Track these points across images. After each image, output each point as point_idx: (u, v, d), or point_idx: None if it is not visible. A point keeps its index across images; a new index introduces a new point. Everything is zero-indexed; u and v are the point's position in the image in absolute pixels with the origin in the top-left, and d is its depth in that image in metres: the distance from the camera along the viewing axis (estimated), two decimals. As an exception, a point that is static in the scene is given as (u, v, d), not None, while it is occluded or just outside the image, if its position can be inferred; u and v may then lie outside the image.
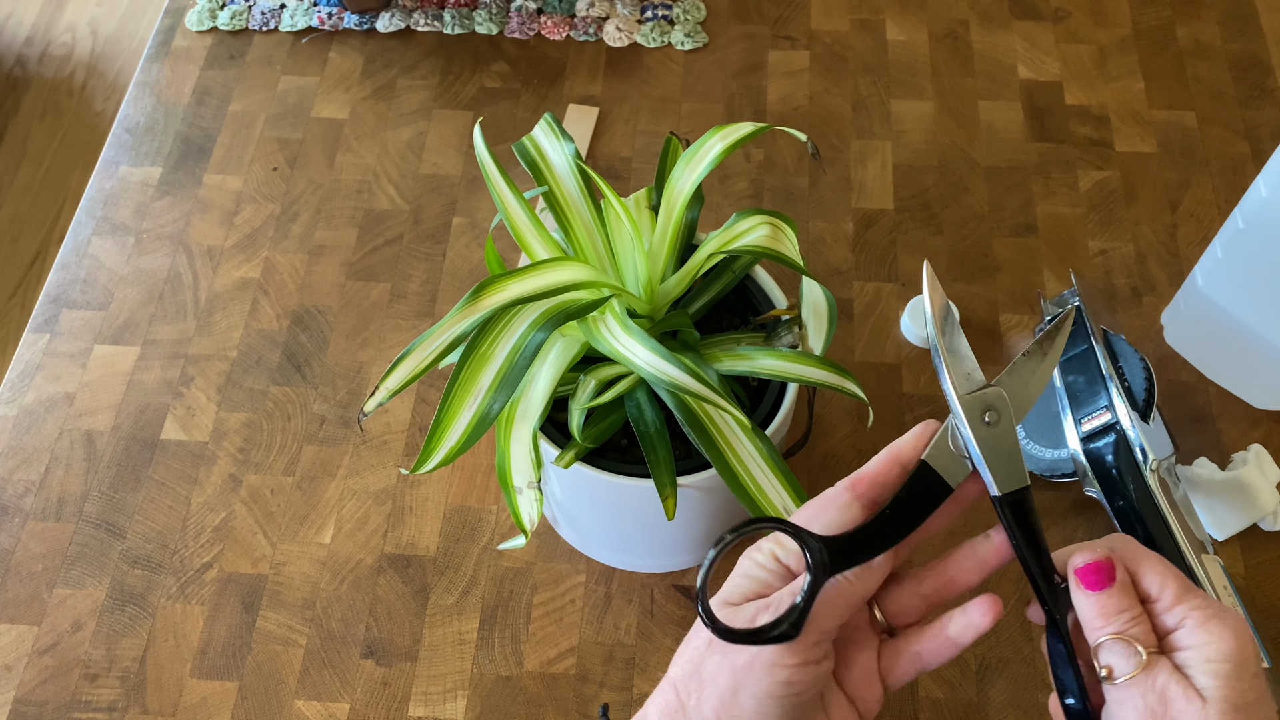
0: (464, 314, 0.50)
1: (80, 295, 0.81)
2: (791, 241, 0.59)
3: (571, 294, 0.52)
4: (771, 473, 0.55)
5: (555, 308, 0.51)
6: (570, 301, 0.52)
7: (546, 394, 0.54)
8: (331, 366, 0.78)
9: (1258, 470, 0.69)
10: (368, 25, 0.95)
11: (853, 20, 0.95)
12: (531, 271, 0.52)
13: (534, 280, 0.52)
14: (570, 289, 0.52)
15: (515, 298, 0.50)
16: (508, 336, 0.50)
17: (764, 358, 0.56)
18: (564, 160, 0.59)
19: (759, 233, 0.58)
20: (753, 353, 0.57)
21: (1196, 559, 0.62)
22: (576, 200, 0.59)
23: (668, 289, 0.58)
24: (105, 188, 0.87)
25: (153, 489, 0.73)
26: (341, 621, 0.68)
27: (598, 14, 0.95)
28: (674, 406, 0.55)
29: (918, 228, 0.83)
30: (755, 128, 0.58)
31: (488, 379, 0.50)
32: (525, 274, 0.52)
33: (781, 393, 0.59)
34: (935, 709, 0.65)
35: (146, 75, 0.93)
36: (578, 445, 0.56)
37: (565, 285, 0.52)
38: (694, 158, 0.58)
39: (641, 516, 0.60)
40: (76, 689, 0.66)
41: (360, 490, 0.73)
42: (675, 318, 0.59)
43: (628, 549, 0.68)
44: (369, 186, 0.86)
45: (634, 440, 0.60)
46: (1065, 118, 0.88)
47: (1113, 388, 0.66)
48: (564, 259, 0.54)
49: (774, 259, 0.57)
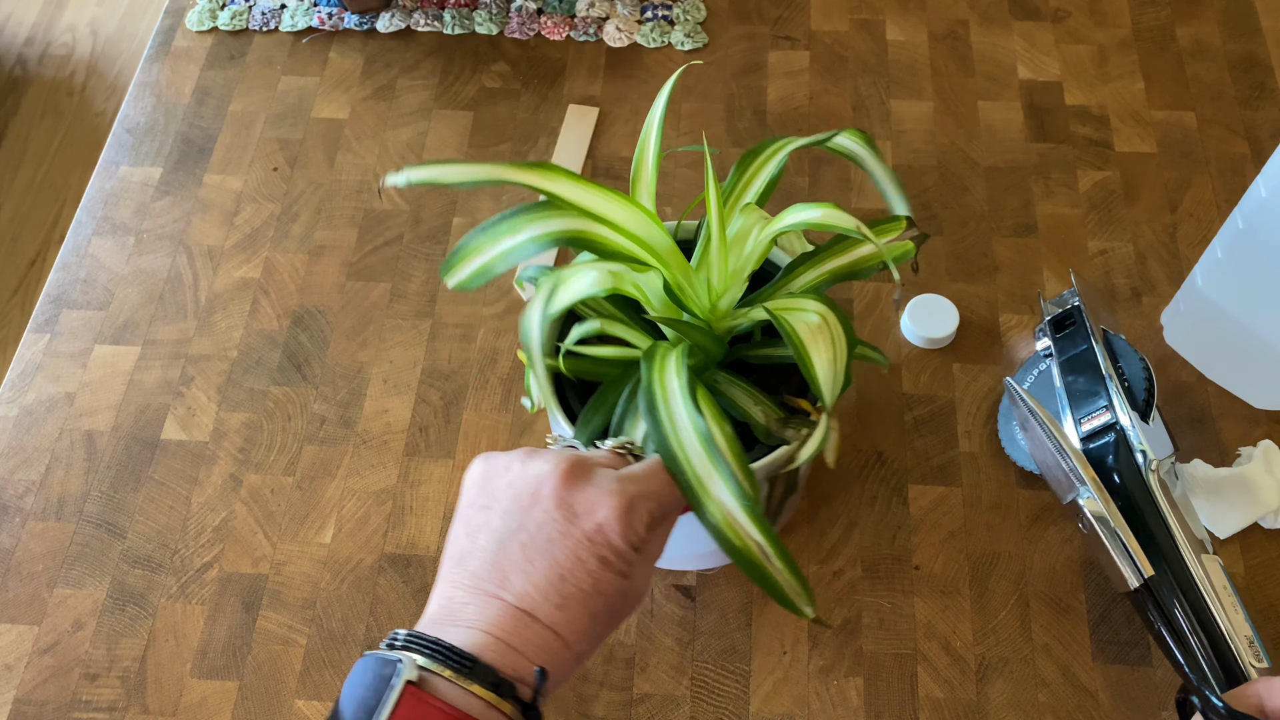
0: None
1: (80, 295, 0.82)
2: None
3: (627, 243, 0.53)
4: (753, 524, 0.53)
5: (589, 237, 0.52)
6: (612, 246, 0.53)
7: (569, 298, 0.53)
8: (332, 366, 0.78)
9: (1264, 467, 0.69)
10: (368, 25, 0.95)
11: (853, 20, 0.95)
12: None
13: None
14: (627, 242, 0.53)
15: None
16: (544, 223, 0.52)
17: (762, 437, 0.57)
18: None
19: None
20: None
21: (1196, 559, 0.62)
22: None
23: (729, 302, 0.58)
24: (105, 188, 0.87)
25: (153, 489, 0.73)
26: (342, 621, 0.68)
27: (598, 14, 0.95)
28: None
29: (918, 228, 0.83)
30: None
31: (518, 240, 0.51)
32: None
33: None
34: (935, 709, 0.65)
35: (147, 75, 0.93)
36: (554, 363, 0.57)
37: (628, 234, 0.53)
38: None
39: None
40: (77, 689, 0.67)
41: (360, 490, 0.73)
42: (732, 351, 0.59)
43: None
44: (369, 186, 0.86)
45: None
46: (1065, 118, 0.88)
47: (1112, 388, 0.66)
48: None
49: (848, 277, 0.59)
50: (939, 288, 0.80)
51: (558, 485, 0.46)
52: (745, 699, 0.65)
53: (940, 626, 0.67)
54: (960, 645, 0.67)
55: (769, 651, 0.67)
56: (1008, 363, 0.76)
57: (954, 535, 0.70)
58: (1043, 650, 0.66)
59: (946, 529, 0.70)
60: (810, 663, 0.66)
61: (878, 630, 0.67)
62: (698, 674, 0.66)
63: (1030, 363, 0.74)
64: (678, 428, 0.50)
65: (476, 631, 0.44)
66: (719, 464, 0.49)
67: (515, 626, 0.44)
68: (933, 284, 0.80)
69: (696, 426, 0.50)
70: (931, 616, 0.68)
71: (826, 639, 0.67)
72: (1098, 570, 0.69)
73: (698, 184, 0.86)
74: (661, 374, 0.52)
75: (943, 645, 0.67)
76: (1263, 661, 0.60)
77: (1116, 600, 0.68)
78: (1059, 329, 0.71)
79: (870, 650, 0.67)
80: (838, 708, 0.65)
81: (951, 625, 0.67)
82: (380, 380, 0.77)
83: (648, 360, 0.52)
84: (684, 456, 0.49)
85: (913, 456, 0.73)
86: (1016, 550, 0.70)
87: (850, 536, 0.70)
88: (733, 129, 0.88)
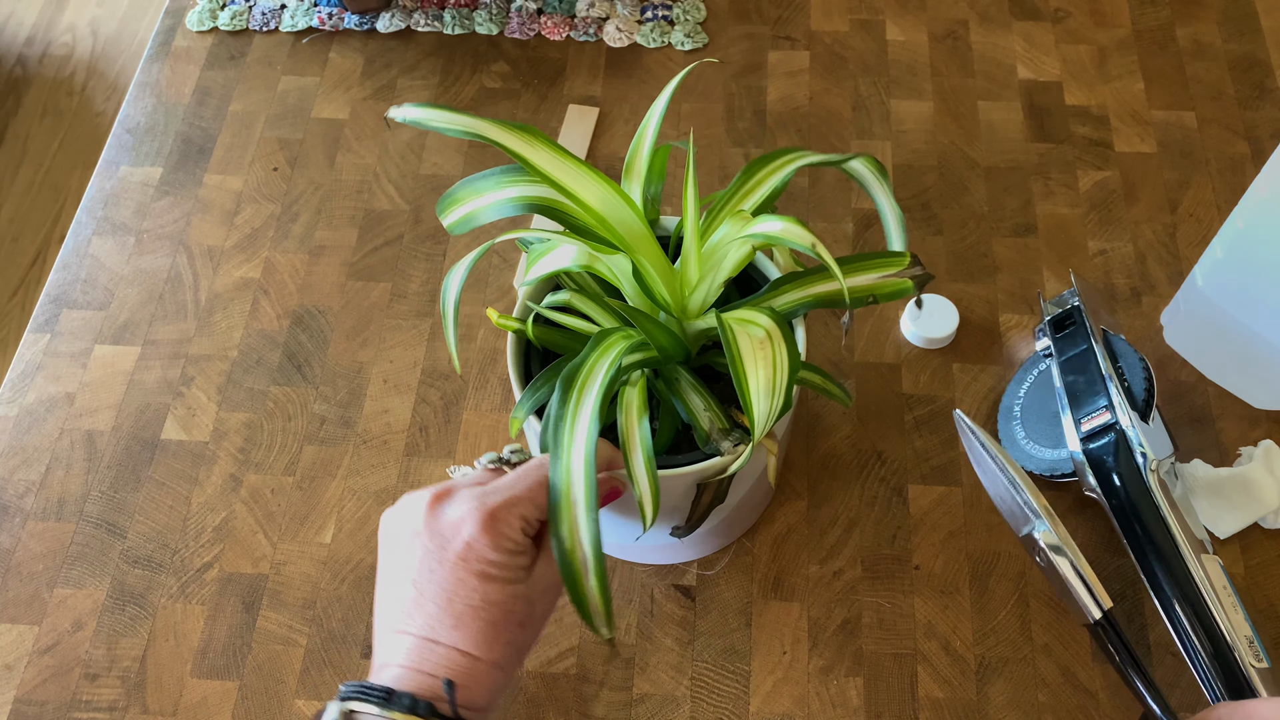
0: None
1: (81, 295, 0.82)
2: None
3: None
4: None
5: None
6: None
7: (547, 269, 0.54)
8: (332, 366, 0.78)
9: (1265, 467, 0.69)
10: (368, 25, 0.95)
11: (852, 20, 0.95)
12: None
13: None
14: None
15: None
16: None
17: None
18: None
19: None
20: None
21: (1196, 559, 0.62)
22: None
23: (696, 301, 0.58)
24: (106, 188, 0.87)
25: (153, 489, 0.73)
26: (342, 621, 0.68)
27: (598, 14, 0.95)
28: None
29: (917, 228, 0.83)
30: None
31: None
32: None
33: None
34: (935, 709, 0.65)
35: (147, 75, 0.93)
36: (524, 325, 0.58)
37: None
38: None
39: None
40: (77, 689, 0.67)
41: (361, 490, 0.73)
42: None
43: (625, 548, 0.68)
44: (369, 186, 0.86)
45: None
46: (1065, 118, 0.88)
47: (1112, 388, 0.66)
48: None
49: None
50: (939, 288, 0.80)
51: (425, 516, 0.51)
52: (745, 699, 0.65)
53: (940, 626, 0.67)
54: (960, 645, 0.67)
55: (769, 651, 0.67)
56: (1008, 363, 0.76)
57: (954, 535, 0.70)
58: (1043, 650, 0.66)
59: (946, 529, 0.70)
60: (810, 663, 0.66)
61: (878, 630, 0.67)
62: (697, 674, 0.66)
63: (1030, 363, 0.74)
64: (578, 416, 0.51)
65: (394, 667, 0.49)
66: (589, 468, 0.50)
67: (421, 654, 0.49)
68: (933, 284, 0.80)
69: (593, 420, 0.50)
70: (931, 616, 0.68)
71: (826, 639, 0.67)
72: (1098, 570, 0.68)
73: (707, 189, 0.85)
74: (595, 360, 0.52)
75: (942, 645, 0.67)
76: (1262, 661, 0.60)
77: (1116, 600, 0.68)
78: (1059, 329, 0.71)
79: (870, 650, 0.67)
80: (838, 708, 0.65)
81: (951, 625, 0.67)
82: (380, 380, 0.77)
83: (595, 341, 0.53)
84: (567, 443, 0.50)
85: (913, 456, 0.73)
86: (1016, 550, 0.70)
87: (850, 536, 0.70)
88: (732, 129, 0.88)
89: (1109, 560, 0.69)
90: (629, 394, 0.54)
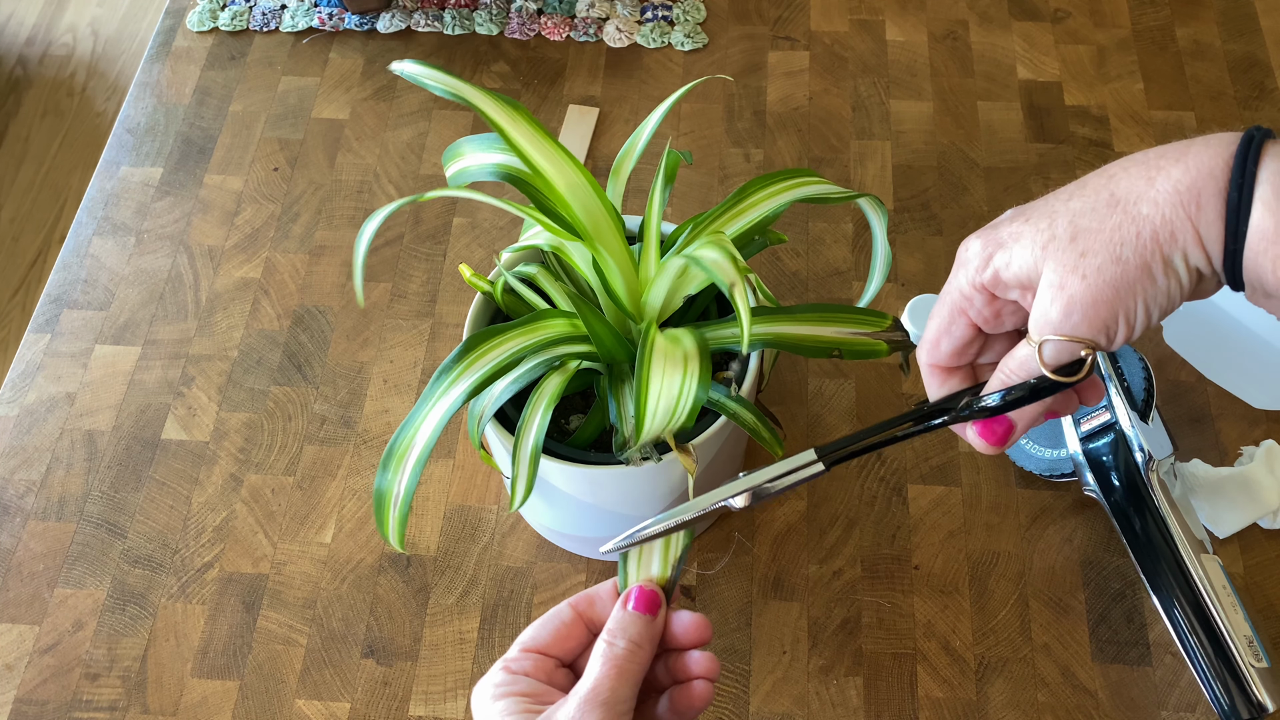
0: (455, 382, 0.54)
1: (81, 295, 0.82)
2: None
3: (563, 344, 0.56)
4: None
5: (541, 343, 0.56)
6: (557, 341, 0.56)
7: (523, 243, 0.57)
8: (332, 366, 0.78)
9: (1265, 467, 0.69)
10: (368, 26, 0.95)
11: (852, 21, 0.95)
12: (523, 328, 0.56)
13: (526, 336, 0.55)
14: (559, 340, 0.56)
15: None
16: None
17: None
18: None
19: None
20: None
21: (1195, 559, 0.62)
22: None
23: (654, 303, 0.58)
24: (106, 188, 0.87)
25: (153, 489, 0.73)
26: (342, 621, 0.68)
27: (598, 15, 0.95)
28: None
29: (917, 228, 0.83)
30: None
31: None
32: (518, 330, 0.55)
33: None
34: (935, 708, 0.65)
35: (147, 76, 0.93)
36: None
37: (555, 339, 0.56)
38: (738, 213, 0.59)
39: (625, 502, 0.61)
40: (77, 688, 0.67)
41: (361, 490, 0.73)
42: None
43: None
44: (369, 187, 0.86)
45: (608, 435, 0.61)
46: (1064, 118, 0.88)
47: (1112, 388, 0.66)
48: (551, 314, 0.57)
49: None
50: (939, 288, 0.80)
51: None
52: (745, 698, 0.65)
53: (940, 626, 0.67)
54: (960, 645, 0.67)
55: (769, 651, 0.67)
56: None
57: (954, 535, 0.70)
58: (1042, 650, 0.66)
59: (946, 529, 0.70)
60: (810, 662, 0.66)
61: (877, 630, 0.67)
62: (698, 674, 0.66)
63: (1030, 363, 0.74)
64: (458, 380, 0.53)
65: None
66: (438, 429, 0.52)
67: None
68: (933, 284, 0.80)
69: (469, 390, 0.53)
70: (931, 616, 0.68)
71: (826, 639, 0.67)
72: (1097, 570, 0.69)
73: (707, 189, 0.86)
74: (516, 336, 0.55)
75: (942, 645, 0.67)
76: (1262, 661, 0.60)
77: (1116, 600, 0.68)
78: (1058, 329, 0.71)
79: (870, 650, 0.67)
80: (837, 707, 0.65)
81: (951, 625, 0.67)
82: (380, 380, 0.77)
83: (530, 319, 0.55)
84: (436, 398, 0.53)
85: (912, 456, 0.73)
86: (1016, 550, 0.70)
87: (850, 536, 0.70)
88: (732, 129, 0.88)
89: (1109, 560, 0.69)
90: (550, 379, 0.55)
